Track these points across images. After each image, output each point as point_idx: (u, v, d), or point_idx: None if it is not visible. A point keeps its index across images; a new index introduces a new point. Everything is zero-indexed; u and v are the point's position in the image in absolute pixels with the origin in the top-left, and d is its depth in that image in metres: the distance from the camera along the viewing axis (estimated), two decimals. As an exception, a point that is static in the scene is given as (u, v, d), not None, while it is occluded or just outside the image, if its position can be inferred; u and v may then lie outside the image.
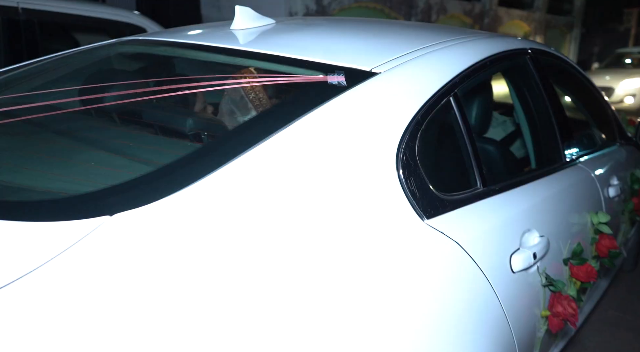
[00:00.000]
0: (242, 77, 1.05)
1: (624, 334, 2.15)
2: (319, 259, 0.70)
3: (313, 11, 8.40)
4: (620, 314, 2.30)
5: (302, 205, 0.72)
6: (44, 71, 1.22)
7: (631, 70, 9.39)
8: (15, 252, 0.59)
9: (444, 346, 0.81)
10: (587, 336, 2.10)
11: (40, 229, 0.61)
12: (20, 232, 0.61)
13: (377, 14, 9.44)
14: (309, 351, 0.62)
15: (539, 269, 1.11)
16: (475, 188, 1.05)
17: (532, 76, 1.44)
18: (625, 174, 1.83)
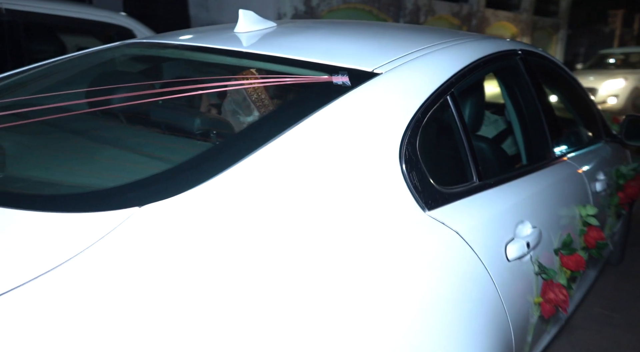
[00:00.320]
0: (250, 78, 1.10)
1: (611, 331, 2.20)
2: (332, 246, 0.76)
3: (302, 12, 8.45)
4: (606, 312, 2.35)
5: (317, 195, 0.78)
6: (54, 73, 1.27)
7: (614, 71, 9.55)
8: (55, 241, 0.64)
9: (447, 327, 0.88)
10: (574, 333, 2.16)
11: (78, 219, 0.67)
12: (60, 223, 0.66)
13: (366, 15, 9.53)
14: (327, 325, 0.68)
15: (531, 258, 1.19)
16: (471, 182, 1.12)
17: (522, 76, 1.52)
18: (611, 170, 1.93)
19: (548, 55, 1.85)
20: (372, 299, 0.76)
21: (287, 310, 0.66)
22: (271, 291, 0.66)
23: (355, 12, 9.40)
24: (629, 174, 1.99)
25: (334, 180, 0.82)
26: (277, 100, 1.25)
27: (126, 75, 1.18)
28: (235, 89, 1.19)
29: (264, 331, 0.63)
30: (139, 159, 0.91)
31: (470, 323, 0.94)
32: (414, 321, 0.81)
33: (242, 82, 1.08)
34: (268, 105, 1.30)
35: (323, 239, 0.75)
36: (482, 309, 0.99)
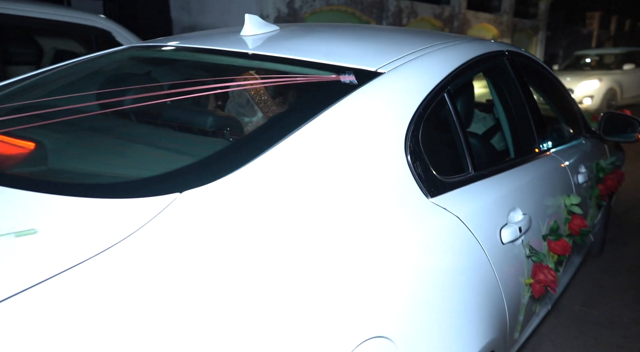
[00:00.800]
0: (264, 78, 1.20)
1: (590, 328, 2.26)
2: (347, 226, 0.86)
3: (284, 14, 8.52)
4: (586, 309, 2.43)
5: (336, 181, 0.88)
6: (72, 74, 1.34)
7: (589, 72, 9.81)
8: (109, 223, 0.72)
9: (451, 299, 0.98)
10: (555, 331, 2.23)
11: (128, 204, 0.75)
12: (112, 207, 0.74)
13: (349, 17, 9.65)
14: (351, 290, 0.78)
15: (523, 242, 1.31)
16: (467, 173, 1.24)
17: (509, 75, 1.65)
18: (591, 164, 2.08)
19: (532, 56, 1.99)
20: (385, 273, 0.86)
21: (317, 280, 0.76)
22: (302, 262, 0.76)
23: (338, 14, 9.50)
24: (608, 167, 2.15)
25: (349, 167, 0.92)
26: (291, 97, 1.35)
27: (147, 77, 1.26)
28: (247, 89, 1.28)
29: (301, 296, 0.72)
30: (170, 152, 1.00)
31: (470, 298, 1.05)
32: (423, 293, 0.92)
33: (256, 82, 1.17)
34: (270, 105, 1.40)
35: (343, 220, 0.85)
36: (481, 286, 1.10)
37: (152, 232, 0.71)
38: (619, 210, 3.85)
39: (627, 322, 2.31)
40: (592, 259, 2.97)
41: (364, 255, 0.85)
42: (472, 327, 1.04)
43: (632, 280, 2.75)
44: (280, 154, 0.87)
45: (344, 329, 0.75)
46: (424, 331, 0.90)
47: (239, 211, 0.78)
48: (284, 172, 0.85)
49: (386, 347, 0.81)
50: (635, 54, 10.52)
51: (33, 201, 0.77)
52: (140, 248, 0.68)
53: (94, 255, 0.65)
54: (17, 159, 0.98)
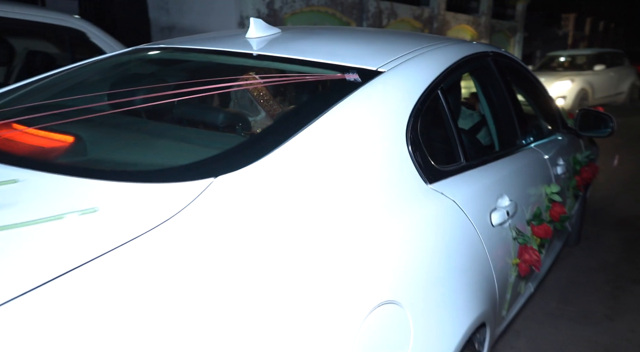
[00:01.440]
0: (277, 77, 1.33)
1: (565, 324, 2.36)
2: (360, 208, 0.99)
3: (264, 15, 8.59)
4: (561, 305, 2.53)
5: (348, 166, 1.01)
6: (97, 73, 1.44)
7: (562, 73, 10.13)
8: (155, 204, 0.84)
9: (449, 275, 1.13)
10: (532, 327, 2.31)
11: (170, 188, 0.86)
12: (156, 191, 0.86)
13: (329, 17, 9.78)
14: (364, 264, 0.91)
15: (510, 225, 1.47)
16: (460, 162, 1.39)
17: (494, 75, 1.82)
18: (568, 157, 2.27)
19: (513, 57, 2.17)
20: (394, 248, 1.00)
21: (339, 254, 0.89)
22: (326, 239, 0.89)
23: (318, 14, 9.60)
24: (584, 161, 2.35)
25: (360, 155, 1.05)
26: (304, 94, 1.48)
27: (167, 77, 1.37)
28: (264, 87, 1.41)
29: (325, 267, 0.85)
30: (199, 144, 1.12)
31: (466, 272, 1.20)
32: (426, 265, 1.06)
33: (271, 80, 1.30)
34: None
35: (357, 202, 0.99)
36: (475, 263, 1.25)
37: (194, 210, 0.83)
38: (593, 208, 4.03)
39: (600, 318, 2.42)
40: (568, 256, 3.12)
41: (374, 233, 0.98)
42: (467, 298, 1.18)
43: (605, 276, 2.88)
44: (299, 143, 1.00)
45: (364, 295, 0.89)
46: (427, 298, 1.04)
47: (264, 192, 0.90)
48: (305, 158, 0.98)
49: (396, 310, 0.95)
50: (605, 55, 10.92)
51: (87, 186, 0.88)
52: (185, 224, 0.80)
53: (149, 230, 0.77)
54: (60, 150, 1.08)
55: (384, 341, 0.91)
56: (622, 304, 2.57)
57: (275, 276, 0.79)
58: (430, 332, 1.02)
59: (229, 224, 0.83)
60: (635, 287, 2.76)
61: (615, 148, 6.68)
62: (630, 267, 3.02)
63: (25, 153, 1.05)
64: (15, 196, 0.85)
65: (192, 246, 0.77)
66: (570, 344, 2.21)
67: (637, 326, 2.35)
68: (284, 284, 0.79)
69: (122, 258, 0.71)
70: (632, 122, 9.06)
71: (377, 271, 0.94)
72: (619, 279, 2.85)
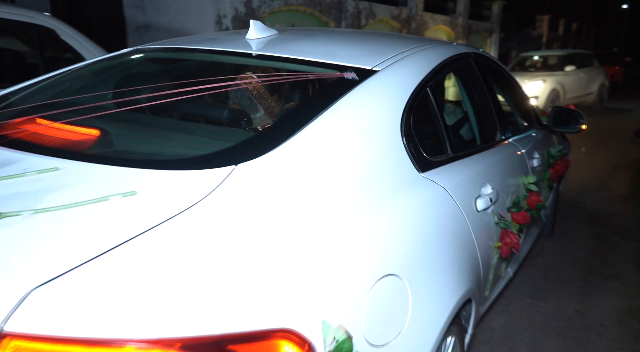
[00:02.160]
0: (281, 75, 1.46)
1: (539, 320, 2.45)
2: (360, 193, 1.13)
3: (242, 14, 8.63)
4: (535, 302, 2.63)
5: (349, 156, 1.16)
6: (106, 72, 1.54)
7: (534, 74, 10.46)
8: (186, 188, 0.96)
9: (440, 254, 1.28)
10: (506, 324, 2.42)
11: (197, 174, 0.99)
12: (185, 177, 0.98)
13: (308, 17, 9.90)
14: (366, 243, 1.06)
15: (492, 211, 1.64)
16: (447, 154, 1.55)
17: (475, 74, 1.99)
18: (543, 151, 2.47)
19: (492, 57, 2.36)
20: (393, 228, 1.15)
21: (346, 233, 1.02)
22: (336, 218, 1.03)
23: (296, 14, 9.68)
24: (557, 155, 2.56)
25: (360, 145, 1.20)
26: (306, 91, 1.61)
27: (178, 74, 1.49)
28: (270, 85, 1.54)
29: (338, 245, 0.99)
30: (217, 137, 1.24)
31: (455, 251, 1.36)
32: (420, 244, 1.21)
33: (275, 78, 1.43)
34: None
35: (358, 187, 1.13)
36: (463, 243, 1.41)
37: (221, 192, 0.95)
38: (566, 205, 4.25)
39: (572, 313, 2.54)
40: (542, 253, 3.28)
41: (377, 214, 1.12)
42: (456, 275, 1.34)
43: (577, 273, 3.02)
44: (307, 136, 1.14)
45: (371, 267, 1.03)
46: (422, 272, 1.19)
47: (278, 177, 1.03)
48: (313, 149, 1.12)
49: (397, 281, 1.09)
50: (575, 56, 11.32)
51: (122, 173, 0.99)
52: (215, 204, 0.93)
53: (187, 208, 0.89)
54: (90, 142, 1.19)
55: (389, 303, 1.06)
56: (592, 299, 2.69)
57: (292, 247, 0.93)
58: (425, 301, 1.17)
59: (250, 203, 0.96)
60: (606, 283, 2.88)
61: (586, 147, 7.00)
62: (601, 263, 3.17)
63: (58, 145, 1.16)
64: (59, 182, 0.96)
65: (222, 221, 0.90)
66: (543, 339, 2.30)
67: (607, 320, 2.47)
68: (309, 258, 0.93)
69: (170, 232, 0.84)
70: (601, 121, 9.50)
71: (380, 247, 1.08)
72: (590, 275, 2.98)
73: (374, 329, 1.01)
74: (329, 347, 0.88)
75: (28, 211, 0.84)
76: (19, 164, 1.01)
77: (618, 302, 2.67)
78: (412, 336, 1.11)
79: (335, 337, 0.89)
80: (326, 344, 0.88)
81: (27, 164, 1.01)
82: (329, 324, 0.89)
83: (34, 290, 0.69)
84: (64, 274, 0.72)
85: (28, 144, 1.11)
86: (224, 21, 8.17)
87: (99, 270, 0.75)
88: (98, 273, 0.74)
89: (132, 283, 0.75)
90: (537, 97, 9.68)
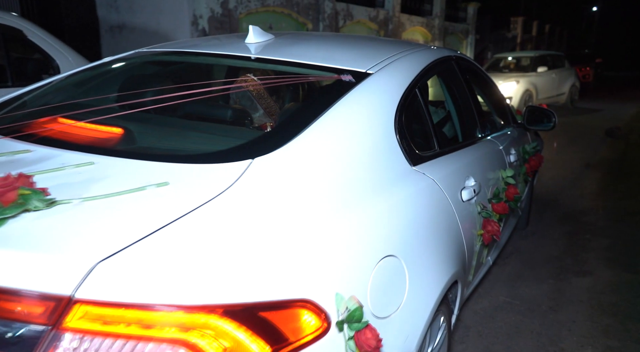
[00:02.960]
0: (283, 77, 1.61)
1: (513, 318, 2.55)
2: (361, 181, 1.29)
3: (218, 14, 8.67)
4: (509, 299, 2.74)
5: (350, 151, 1.31)
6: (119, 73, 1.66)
7: (508, 75, 10.80)
8: (211, 179, 1.10)
9: (431, 240, 1.45)
10: (481, 322, 2.51)
11: (219, 167, 1.12)
12: (209, 169, 1.11)
13: (285, 18, 10.02)
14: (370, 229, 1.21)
15: (475, 202, 1.82)
16: (434, 150, 1.72)
17: (457, 76, 2.18)
18: (519, 148, 2.69)
19: (471, 60, 2.56)
20: (390, 215, 1.31)
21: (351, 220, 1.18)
22: (341, 207, 1.18)
23: (274, 15, 9.76)
24: (531, 151, 2.79)
25: (359, 141, 1.36)
26: (308, 92, 1.76)
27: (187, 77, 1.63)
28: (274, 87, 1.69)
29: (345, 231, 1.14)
30: (232, 134, 1.38)
31: (444, 237, 1.53)
32: (415, 229, 1.38)
33: (278, 80, 1.58)
34: (267, 99, 1.82)
35: (357, 177, 1.29)
36: (450, 230, 1.58)
37: (243, 182, 1.10)
38: (540, 203, 4.44)
39: (545, 310, 2.64)
40: (516, 251, 3.42)
41: (376, 202, 1.28)
42: (445, 257, 1.51)
43: (550, 270, 3.14)
44: (313, 133, 1.29)
45: (374, 248, 1.19)
46: (416, 254, 1.36)
47: (290, 170, 1.18)
48: (319, 143, 1.27)
49: (395, 261, 1.25)
50: (547, 57, 11.74)
51: (151, 166, 1.13)
52: (238, 192, 1.07)
53: (215, 196, 1.03)
54: (116, 139, 1.32)
55: (389, 280, 1.22)
56: (564, 296, 2.81)
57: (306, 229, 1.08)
58: (420, 279, 1.33)
59: (268, 192, 1.10)
60: (577, 280, 3.02)
61: (559, 146, 7.33)
62: (573, 260, 3.31)
63: (87, 142, 1.28)
64: (96, 174, 1.09)
65: (247, 207, 1.04)
66: (517, 336, 2.40)
67: (578, 317, 2.58)
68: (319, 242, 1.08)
69: (205, 215, 0.97)
70: (573, 121, 9.90)
71: (381, 231, 1.25)
72: (563, 272, 3.12)
73: (378, 302, 1.17)
74: (342, 316, 1.04)
75: (77, 199, 0.97)
76: (57, 159, 1.13)
77: (589, 298, 2.79)
78: (409, 309, 1.28)
79: (347, 306, 1.05)
80: (339, 313, 1.04)
81: (63, 159, 1.13)
82: (342, 296, 1.04)
83: (98, 263, 0.82)
84: (121, 250, 0.86)
85: (59, 142, 1.23)
86: (200, 22, 8.21)
87: (150, 247, 0.88)
88: (149, 249, 0.88)
89: (179, 258, 0.88)
90: (511, 98, 10.00)
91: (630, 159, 6.66)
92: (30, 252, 0.84)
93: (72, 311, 0.81)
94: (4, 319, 0.81)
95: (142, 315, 0.83)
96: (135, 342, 0.83)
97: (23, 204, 0.90)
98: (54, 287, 0.81)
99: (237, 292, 0.90)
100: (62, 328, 0.81)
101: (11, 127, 1.29)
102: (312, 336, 0.99)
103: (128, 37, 8.87)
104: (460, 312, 2.42)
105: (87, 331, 0.82)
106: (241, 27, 9.02)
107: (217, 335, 0.86)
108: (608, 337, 2.40)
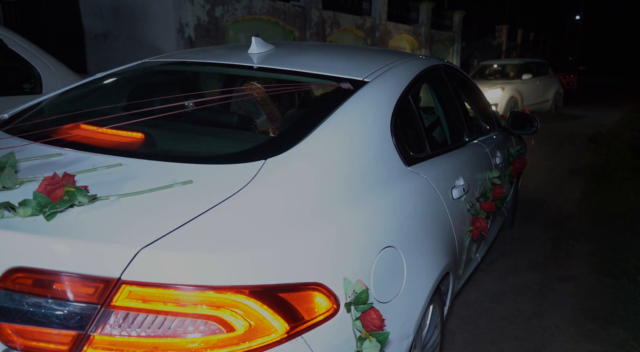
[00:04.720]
0: (286, 85, 1.77)
1: (498, 323, 2.61)
2: (362, 180, 1.44)
3: (205, 22, 8.76)
4: (494, 305, 2.81)
5: (351, 152, 1.47)
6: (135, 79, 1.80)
7: (493, 82, 11.05)
8: (230, 177, 1.24)
9: (425, 235, 1.61)
10: (466, 328, 2.56)
11: (236, 167, 1.27)
12: (226, 169, 1.25)
13: (272, 26, 10.18)
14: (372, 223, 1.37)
15: (465, 200, 1.99)
16: (427, 151, 1.89)
17: (445, 83, 2.36)
18: (504, 151, 2.88)
19: (458, 68, 2.75)
20: (389, 211, 1.46)
21: (355, 214, 1.33)
22: (346, 203, 1.33)
23: (260, 23, 9.87)
24: (516, 153, 3.00)
25: (359, 144, 1.51)
26: (309, 98, 1.92)
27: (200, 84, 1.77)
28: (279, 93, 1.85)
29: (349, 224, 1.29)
30: (244, 137, 1.53)
31: (437, 232, 1.69)
32: (411, 223, 1.53)
33: (282, 88, 1.74)
34: (270, 105, 1.97)
35: (357, 176, 1.44)
36: (443, 226, 1.75)
37: (258, 180, 1.24)
38: (524, 209, 4.57)
39: (529, 316, 2.70)
40: (501, 257, 3.52)
41: (377, 199, 1.44)
42: (439, 250, 1.67)
43: (534, 276, 3.21)
44: (317, 137, 1.44)
45: (376, 240, 1.34)
46: (413, 246, 1.51)
47: (299, 169, 1.33)
48: (324, 145, 1.42)
49: (395, 251, 1.41)
50: (531, 65, 12.04)
51: (174, 167, 1.27)
52: (254, 189, 1.21)
53: (235, 193, 1.18)
54: (138, 143, 1.45)
55: (389, 269, 1.37)
56: (548, 301, 2.88)
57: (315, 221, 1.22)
58: (416, 269, 1.49)
59: (280, 189, 1.25)
60: (561, 285, 3.09)
61: (543, 153, 7.50)
62: (557, 266, 3.39)
63: (113, 146, 1.42)
64: (125, 174, 1.22)
65: (264, 201, 1.19)
66: (501, 342, 2.45)
67: (561, 322, 2.65)
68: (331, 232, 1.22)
69: (229, 208, 1.12)
70: (557, 127, 10.17)
71: (381, 224, 1.40)
72: (546, 277, 3.19)
73: (380, 288, 1.31)
74: (349, 298, 1.18)
75: (114, 195, 1.10)
76: (88, 161, 1.26)
77: (572, 303, 2.86)
78: (407, 296, 1.43)
79: (354, 290, 1.19)
80: (347, 296, 1.18)
81: (94, 161, 1.26)
82: (349, 280, 1.19)
83: (141, 249, 0.96)
84: (160, 238, 0.99)
85: (86, 146, 1.36)
86: (186, 29, 8.31)
87: (184, 235, 1.02)
88: (184, 237, 1.01)
89: (209, 244, 1.02)
90: (496, 105, 10.23)
91: (613, 164, 6.83)
92: (82, 240, 0.97)
93: (119, 291, 0.95)
94: (61, 299, 0.94)
95: (178, 294, 0.97)
96: (173, 319, 0.97)
97: (69, 200, 1.03)
98: (104, 270, 0.95)
99: (260, 275, 1.04)
100: (110, 306, 0.95)
101: (39, 133, 1.42)
102: (323, 316, 1.13)
103: (113, 46, 8.91)
104: (446, 319, 2.51)
105: (131, 308, 0.95)
106: (228, 35, 9.13)
107: (244, 313, 1.00)
108: (590, 342, 2.47)
